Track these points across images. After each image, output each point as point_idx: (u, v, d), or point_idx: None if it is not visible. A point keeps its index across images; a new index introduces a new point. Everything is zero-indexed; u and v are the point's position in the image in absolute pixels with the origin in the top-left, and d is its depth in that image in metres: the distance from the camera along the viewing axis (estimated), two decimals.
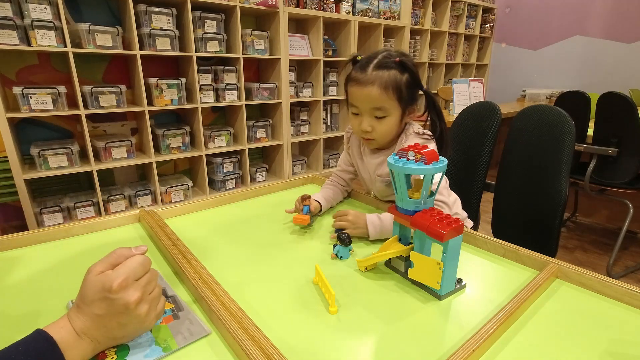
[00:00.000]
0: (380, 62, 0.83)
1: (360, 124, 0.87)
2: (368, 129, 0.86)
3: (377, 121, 0.85)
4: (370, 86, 0.82)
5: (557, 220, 0.98)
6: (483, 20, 4.66)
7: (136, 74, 2.25)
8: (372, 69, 0.83)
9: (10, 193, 2.17)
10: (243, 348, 0.43)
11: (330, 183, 1.04)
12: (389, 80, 0.82)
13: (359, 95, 0.84)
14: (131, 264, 0.45)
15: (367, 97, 0.83)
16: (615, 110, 1.75)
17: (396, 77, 0.83)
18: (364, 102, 0.85)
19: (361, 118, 0.87)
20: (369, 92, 0.82)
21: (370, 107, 0.84)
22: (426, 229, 0.55)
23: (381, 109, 0.84)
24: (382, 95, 0.82)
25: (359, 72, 0.84)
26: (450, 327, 0.52)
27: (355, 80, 0.85)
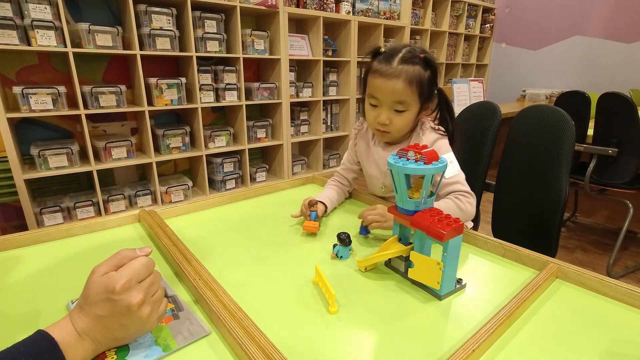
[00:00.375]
0: (405, 57, 0.83)
1: (378, 116, 0.86)
2: (386, 122, 0.85)
3: (396, 115, 0.85)
4: (396, 79, 0.82)
5: (557, 220, 0.98)
6: (483, 20, 4.66)
7: (136, 74, 2.25)
8: (397, 62, 0.82)
9: (10, 193, 2.17)
10: (243, 348, 0.43)
11: (334, 183, 1.03)
12: (413, 75, 0.82)
13: (382, 87, 0.83)
14: (135, 266, 0.45)
15: (391, 90, 0.82)
16: (615, 110, 1.75)
17: (420, 73, 0.83)
18: (386, 95, 0.84)
19: (380, 110, 0.86)
20: (393, 85, 0.82)
21: (392, 100, 0.84)
22: (426, 229, 0.55)
23: (402, 103, 0.83)
24: (405, 90, 0.82)
25: (384, 64, 0.83)
26: (450, 327, 0.52)
27: (379, 72, 0.84)
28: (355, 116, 3.57)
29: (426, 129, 0.90)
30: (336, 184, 1.02)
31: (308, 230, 0.80)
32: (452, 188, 0.85)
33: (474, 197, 0.85)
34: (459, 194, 0.84)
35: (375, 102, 0.87)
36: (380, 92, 0.84)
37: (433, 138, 0.89)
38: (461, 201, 0.83)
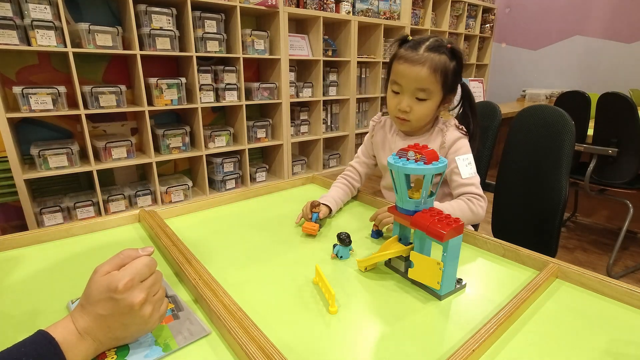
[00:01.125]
0: (432, 45, 0.83)
1: (399, 103, 0.86)
2: (407, 109, 0.85)
3: (417, 103, 0.85)
4: (420, 66, 0.82)
5: (557, 220, 0.98)
6: (483, 20, 4.66)
7: (136, 74, 2.25)
8: (424, 49, 0.83)
9: (10, 193, 2.17)
10: (243, 348, 0.43)
11: (342, 181, 1.01)
12: (439, 63, 0.82)
13: (406, 73, 0.83)
14: (137, 265, 0.45)
15: (415, 76, 0.82)
16: (615, 110, 1.75)
17: (446, 62, 0.83)
18: (409, 81, 0.84)
19: (401, 97, 0.86)
20: (418, 71, 0.82)
21: (415, 87, 0.84)
22: (426, 229, 0.55)
23: (425, 91, 0.83)
24: (429, 77, 0.82)
25: (410, 51, 0.84)
26: (450, 327, 0.52)
27: (404, 58, 0.84)
28: (355, 116, 3.57)
29: (450, 126, 0.90)
30: (344, 182, 1.00)
31: (307, 232, 0.80)
32: (467, 189, 0.85)
33: (486, 201, 0.86)
34: (472, 196, 0.84)
35: (398, 89, 0.87)
36: (404, 78, 0.84)
37: (455, 136, 0.89)
38: (473, 204, 0.83)
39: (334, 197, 0.93)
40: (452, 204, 0.82)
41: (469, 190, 0.85)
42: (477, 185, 0.86)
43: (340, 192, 0.96)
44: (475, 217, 0.83)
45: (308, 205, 0.85)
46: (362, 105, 3.71)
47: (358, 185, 1.03)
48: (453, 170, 0.87)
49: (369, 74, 3.65)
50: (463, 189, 0.86)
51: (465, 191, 0.85)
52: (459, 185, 0.86)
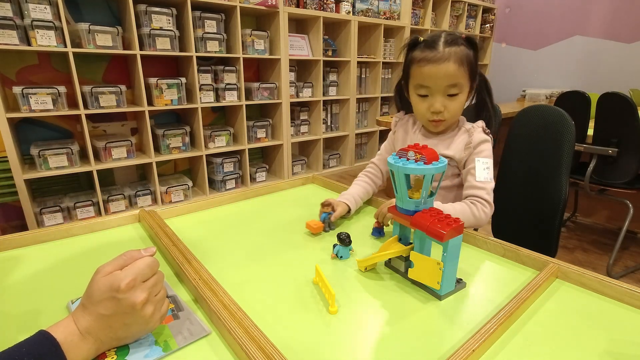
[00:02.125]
0: (448, 39, 0.81)
1: (432, 105, 0.84)
2: (441, 109, 0.83)
3: (450, 100, 0.83)
4: (446, 62, 0.80)
5: (557, 220, 0.98)
6: (483, 20, 4.66)
7: (136, 74, 2.25)
8: (442, 45, 0.81)
9: (10, 193, 2.18)
10: (243, 348, 0.43)
11: (363, 177, 1.00)
12: (462, 54, 0.81)
13: (433, 73, 0.81)
14: (139, 265, 0.45)
15: (444, 74, 0.80)
16: (615, 110, 1.75)
17: (467, 52, 0.82)
18: (439, 80, 0.82)
19: (432, 99, 0.84)
20: (445, 68, 0.80)
21: (445, 85, 0.82)
22: (426, 229, 0.55)
23: (456, 86, 0.82)
24: (458, 71, 0.81)
25: (428, 50, 0.81)
26: (450, 327, 0.52)
27: (426, 60, 0.81)
28: (355, 116, 3.57)
29: (478, 127, 0.89)
30: (366, 179, 0.99)
31: (308, 229, 0.79)
32: (476, 192, 0.84)
33: (492, 208, 0.84)
34: (477, 200, 0.83)
35: (426, 92, 0.85)
36: (432, 79, 0.82)
37: (481, 138, 0.87)
38: (477, 207, 0.82)
39: (353, 195, 0.90)
40: (453, 205, 0.81)
41: (478, 194, 0.84)
42: (488, 191, 0.84)
43: (360, 190, 0.94)
44: (477, 222, 0.82)
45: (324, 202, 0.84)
46: (362, 105, 3.71)
47: (379, 182, 1.01)
48: (469, 171, 0.86)
49: (369, 74, 3.65)
50: (472, 191, 0.84)
51: (474, 194, 0.84)
52: (470, 186, 0.85)
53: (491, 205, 0.84)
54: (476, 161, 0.86)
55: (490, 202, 0.84)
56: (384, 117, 2.33)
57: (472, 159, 0.87)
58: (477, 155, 0.86)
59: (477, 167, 0.85)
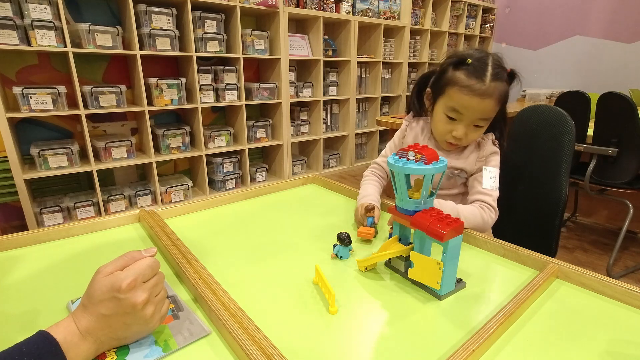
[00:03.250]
0: (496, 72, 0.79)
1: (455, 130, 0.83)
2: (463, 137, 0.83)
3: (473, 129, 0.83)
4: (489, 99, 0.79)
5: (557, 220, 0.98)
6: (483, 20, 4.66)
7: (136, 74, 2.25)
8: (490, 78, 0.78)
9: (10, 193, 2.18)
10: (243, 348, 0.43)
11: (374, 178, 0.98)
12: (503, 92, 0.80)
13: (473, 105, 0.79)
14: (140, 266, 0.45)
15: (483, 109, 0.79)
16: (615, 110, 1.75)
17: (507, 89, 0.81)
18: (474, 113, 0.80)
19: (458, 125, 0.83)
20: (486, 105, 0.79)
21: (477, 118, 0.81)
22: (426, 229, 0.55)
23: (487, 119, 0.82)
24: (495, 108, 0.80)
25: (475, 80, 0.79)
26: (450, 327, 0.52)
27: (470, 89, 0.79)
28: (355, 116, 3.58)
29: (488, 140, 0.89)
30: (376, 177, 0.98)
31: (363, 237, 0.77)
32: (483, 198, 0.84)
33: (497, 216, 0.85)
34: (486, 205, 0.83)
35: (456, 116, 0.83)
36: (469, 110, 0.80)
37: (492, 150, 0.88)
38: (485, 212, 0.83)
39: (377, 198, 0.89)
40: (465, 207, 0.82)
41: (485, 199, 0.84)
42: (494, 199, 0.85)
43: (378, 189, 0.93)
44: (484, 226, 0.83)
45: (361, 209, 0.82)
46: (362, 105, 3.71)
47: (385, 183, 1.01)
48: (476, 178, 0.87)
49: (369, 74, 3.65)
50: (480, 196, 0.85)
51: (481, 199, 0.85)
52: (477, 192, 0.85)
53: (496, 212, 0.85)
54: (483, 169, 0.87)
55: (496, 209, 0.85)
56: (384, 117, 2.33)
57: (479, 167, 0.88)
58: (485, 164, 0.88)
59: (484, 175, 0.86)
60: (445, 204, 0.80)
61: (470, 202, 0.86)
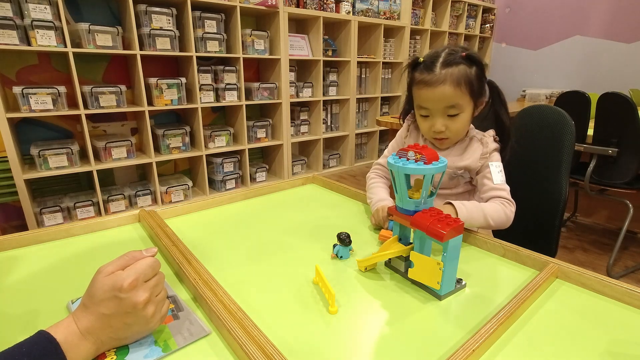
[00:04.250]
0: (446, 60, 0.81)
1: (433, 126, 0.84)
2: (442, 129, 0.84)
3: (451, 120, 0.84)
4: (442, 85, 0.80)
5: (557, 220, 0.98)
6: (483, 20, 4.66)
7: (136, 74, 2.25)
8: (439, 67, 0.81)
9: (10, 193, 2.18)
10: (243, 348, 0.43)
11: (378, 177, 0.99)
12: (459, 76, 0.80)
13: (430, 96, 0.82)
14: (141, 265, 0.46)
15: (440, 97, 0.81)
16: (615, 110, 1.75)
17: (466, 72, 0.81)
18: (436, 103, 0.82)
19: (433, 120, 0.84)
20: (441, 91, 0.80)
21: (443, 107, 0.82)
22: (426, 229, 0.55)
23: (455, 107, 0.82)
24: (455, 93, 0.81)
25: (426, 73, 0.82)
26: (450, 327, 0.52)
27: (423, 82, 0.82)
28: (355, 116, 3.58)
29: (489, 137, 0.89)
30: (384, 182, 0.98)
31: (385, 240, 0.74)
32: (499, 194, 0.84)
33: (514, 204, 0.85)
34: (505, 201, 0.83)
35: (426, 113, 0.85)
36: (429, 101, 0.83)
37: (494, 146, 0.88)
38: (507, 208, 0.83)
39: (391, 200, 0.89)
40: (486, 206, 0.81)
41: (502, 195, 0.84)
42: (508, 192, 0.85)
43: (388, 192, 0.93)
44: (507, 222, 0.82)
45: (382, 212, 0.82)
46: (362, 105, 3.71)
47: (389, 184, 1.01)
48: (485, 175, 0.87)
49: (369, 74, 3.65)
50: (495, 193, 0.84)
51: (498, 195, 0.84)
52: (491, 189, 0.85)
53: (514, 205, 0.84)
54: (490, 166, 0.86)
55: (513, 202, 0.84)
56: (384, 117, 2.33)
57: (485, 165, 0.88)
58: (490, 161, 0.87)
59: (493, 172, 0.86)
60: (469, 205, 0.79)
61: (485, 200, 0.86)
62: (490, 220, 0.79)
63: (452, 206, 0.78)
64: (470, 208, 0.78)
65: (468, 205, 0.78)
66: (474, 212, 0.78)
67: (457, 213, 0.76)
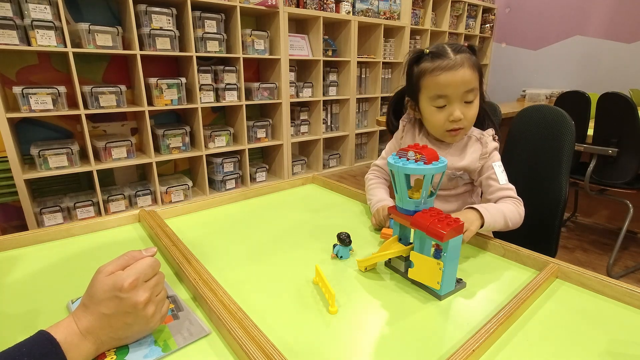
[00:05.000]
0: (457, 47, 0.82)
1: (451, 114, 0.83)
2: (462, 116, 0.82)
3: (467, 107, 0.83)
4: (462, 68, 0.79)
5: (557, 220, 0.98)
6: (483, 20, 4.66)
7: (136, 74, 2.25)
8: (453, 53, 0.81)
9: (10, 193, 2.18)
10: (243, 348, 0.43)
11: (379, 181, 0.98)
12: (472, 60, 0.81)
13: (451, 80, 0.80)
14: (142, 265, 0.46)
15: (461, 80, 0.80)
16: (615, 110, 1.75)
17: (476, 59, 0.82)
18: (457, 87, 0.80)
19: (450, 108, 0.83)
20: (462, 74, 0.79)
21: (463, 91, 0.81)
22: (426, 229, 0.55)
23: (472, 91, 0.82)
24: (473, 75, 0.81)
25: (440, 60, 0.81)
26: (450, 327, 0.52)
27: (440, 68, 0.80)
28: (355, 116, 3.58)
29: (489, 136, 0.89)
30: (383, 183, 0.98)
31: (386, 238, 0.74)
32: (508, 194, 0.84)
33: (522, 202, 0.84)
34: (516, 201, 0.83)
35: (444, 102, 0.83)
36: (450, 86, 0.81)
37: (494, 146, 0.88)
38: (519, 207, 0.82)
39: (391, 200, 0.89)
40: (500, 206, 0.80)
41: (511, 194, 0.83)
42: (514, 191, 0.84)
43: (387, 193, 0.93)
44: (520, 221, 0.82)
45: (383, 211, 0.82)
46: (362, 105, 3.71)
47: (387, 184, 1.01)
48: (490, 177, 0.86)
49: (369, 74, 3.65)
50: (504, 193, 0.84)
51: (506, 195, 0.83)
52: (498, 189, 0.84)
53: (522, 202, 0.84)
54: (494, 166, 0.86)
55: (521, 200, 0.84)
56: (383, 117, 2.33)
57: (487, 165, 0.87)
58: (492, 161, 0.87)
59: (497, 172, 0.85)
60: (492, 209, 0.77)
61: (494, 201, 0.85)
62: (509, 222, 0.78)
63: (475, 211, 0.75)
64: (493, 212, 0.76)
65: (491, 210, 0.76)
66: (496, 215, 0.76)
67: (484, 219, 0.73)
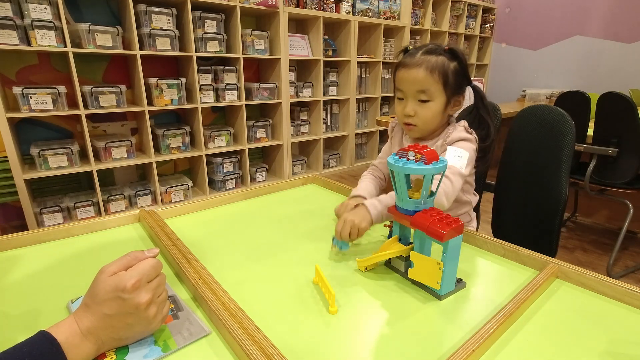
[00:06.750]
0: (429, 49, 0.86)
1: (403, 108, 0.87)
2: (411, 113, 0.86)
3: (420, 106, 0.86)
4: (417, 68, 0.83)
5: (557, 220, 0.98)
6: (483, 20, 4.66)
7: (136, 74, 2.25)
8: (420, 54, 0.85)
9: (10, 193, 2.18)
10: (243, 348, 0.43)
11: (369, 174, 1.01)
12: (435, 64, 0.83)
13: (405, 77, 0.86)
14: (144, 266, 0.46)
15: (413, 79, 0.84)
16: (615, 110, 1.75)
17: (444, 63, 0.84)
18: (409, 85, 0.85)
19: (405, 102, 0.88)
20: (415, 74, 0.83)
21: (415, 90, 0.85)
22: (426, 229, 0.55)
23: (425, 92, 0.84)
24: (427, 78, 0.83)
25: (408, 57, 0.87)
26: (450, 327, 0.52)
27: (403, 64, 0.87)
28: (355, 116, 3.58)
29: (459, 127, 0.88)
30: (371, 176, 1.00)
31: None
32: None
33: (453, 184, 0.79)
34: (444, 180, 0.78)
35: (401, 95, 0.88)
36: (404, 82, 0.86)
37: (459, 137, 0.86)
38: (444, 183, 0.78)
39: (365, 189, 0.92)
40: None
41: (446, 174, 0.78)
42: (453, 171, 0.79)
43: (370, 185, 0.95)
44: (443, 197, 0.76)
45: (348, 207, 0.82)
46: (362, 105, 3.71)
47: (383, 184, 1.02)
48: None
49: (369, 74, 3.65)
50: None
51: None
52: None
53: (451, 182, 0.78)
54: (448, 148, 0.83)
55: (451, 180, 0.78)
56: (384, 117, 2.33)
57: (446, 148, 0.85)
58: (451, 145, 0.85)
59: (448, 153, 0.82)
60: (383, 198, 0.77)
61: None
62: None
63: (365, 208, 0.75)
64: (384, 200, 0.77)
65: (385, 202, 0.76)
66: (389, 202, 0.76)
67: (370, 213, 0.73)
